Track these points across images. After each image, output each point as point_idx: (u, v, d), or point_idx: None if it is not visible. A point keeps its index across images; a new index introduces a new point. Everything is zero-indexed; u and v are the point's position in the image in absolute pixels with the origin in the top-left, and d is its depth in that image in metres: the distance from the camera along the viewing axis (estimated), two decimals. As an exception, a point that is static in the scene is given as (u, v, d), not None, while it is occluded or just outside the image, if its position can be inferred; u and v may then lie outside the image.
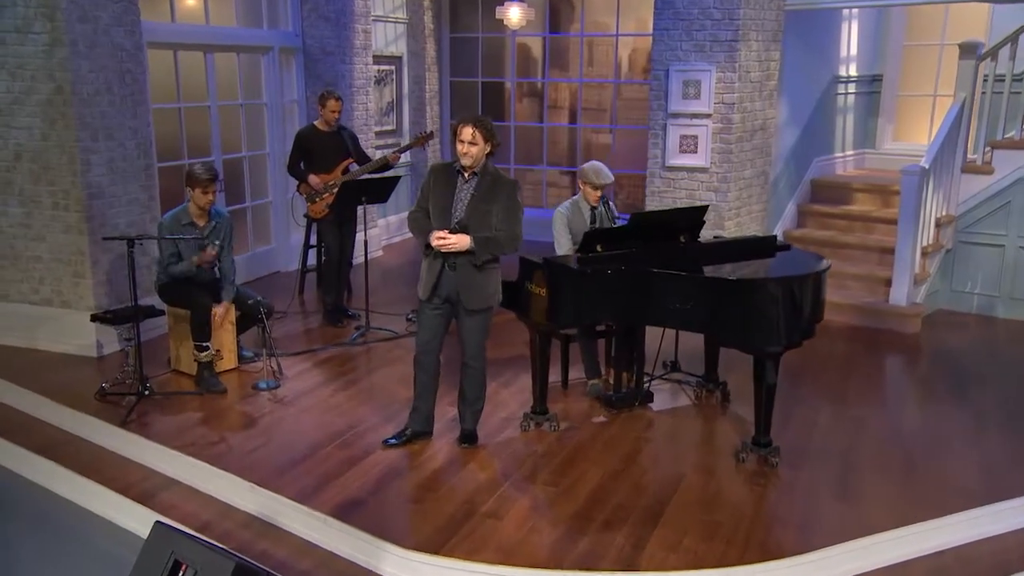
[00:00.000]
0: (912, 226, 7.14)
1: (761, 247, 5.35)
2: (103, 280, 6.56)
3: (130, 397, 5.59)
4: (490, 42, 11.19)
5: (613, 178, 5.63)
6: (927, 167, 7.15)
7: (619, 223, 5.81)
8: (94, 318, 5.91)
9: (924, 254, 7.51)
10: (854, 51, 9.19)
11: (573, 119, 11.06)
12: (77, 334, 6.51)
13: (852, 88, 9.27)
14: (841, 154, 9.38)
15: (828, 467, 4.86)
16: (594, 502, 4.43)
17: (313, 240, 8.29)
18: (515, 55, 11.08)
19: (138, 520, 4.46)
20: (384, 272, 8.85)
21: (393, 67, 10.61)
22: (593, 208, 5.70)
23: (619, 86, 10.66)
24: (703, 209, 5.38)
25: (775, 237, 5.48)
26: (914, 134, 9.65)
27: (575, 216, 5.71)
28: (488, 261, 4.73)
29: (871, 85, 9.52)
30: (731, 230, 7.46)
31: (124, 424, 5.33)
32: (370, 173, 7.24)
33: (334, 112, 7.16)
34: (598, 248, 5.11)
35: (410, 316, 7.42)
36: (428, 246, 4.70)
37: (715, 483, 4.67)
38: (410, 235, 11.08)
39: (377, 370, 6.37)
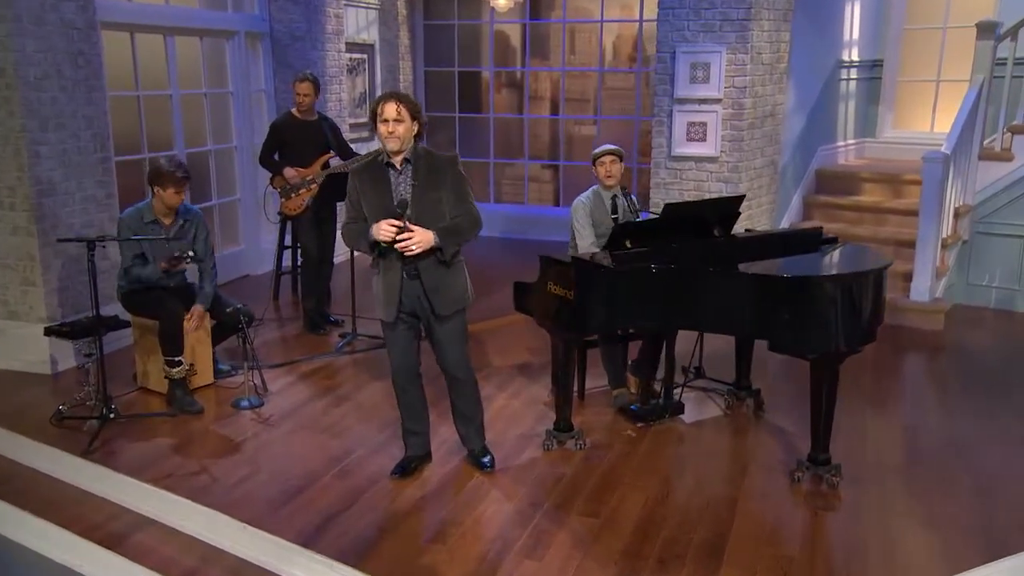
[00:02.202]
0: (935, 217, 6.69)
1: (806, 241, 4.83)
2: (55, 288, 5.84)
3: (92, 421, 4.91)
4: (466, 29, 10.58)
5: (615, 147, 5.11)
6: (949, 153, 6.70)
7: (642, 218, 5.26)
8: (49, 331, 5.18)
9: (943, 246, 7.07)
10: (856, 35, 8.74)
11: (555, 110, 10.49)
12: (27, 349, 5.78)
13: (854, 74, 8.83)
14: (843, 143, 8.94)
15: (891, 486, 4.34)
16: (643, 535, 3.86)
17: (288, 240, 7.65)
18: (493, 43, 10.49)
19: (107, 569, 3.77)
20: (364, 273, 8.04)
21: (365, 55, 9.94)
22: (614, 197, 5.15)
23: (603, 75, 10.12)
24: (739, 199, 4.84)
25: (820, 229, 4.96)
26: (914, 122, 9.25)
27: (597, 206, 5.16)
28: (454, 255, 4.12)
29: (871, 71, 9.09)
30: (742, 223, 6.92)
31: (87, 453, 4.65)
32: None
33: (304, 96, 6.50)
34: (626, 244, 4.54)
35: (398, 322, 6.80)
36: (379, 255, 4.04)
37: (773, 508, 4.12)
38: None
39: (369, 383, 5.73)
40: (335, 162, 6.72)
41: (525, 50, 10.47)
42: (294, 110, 6.61)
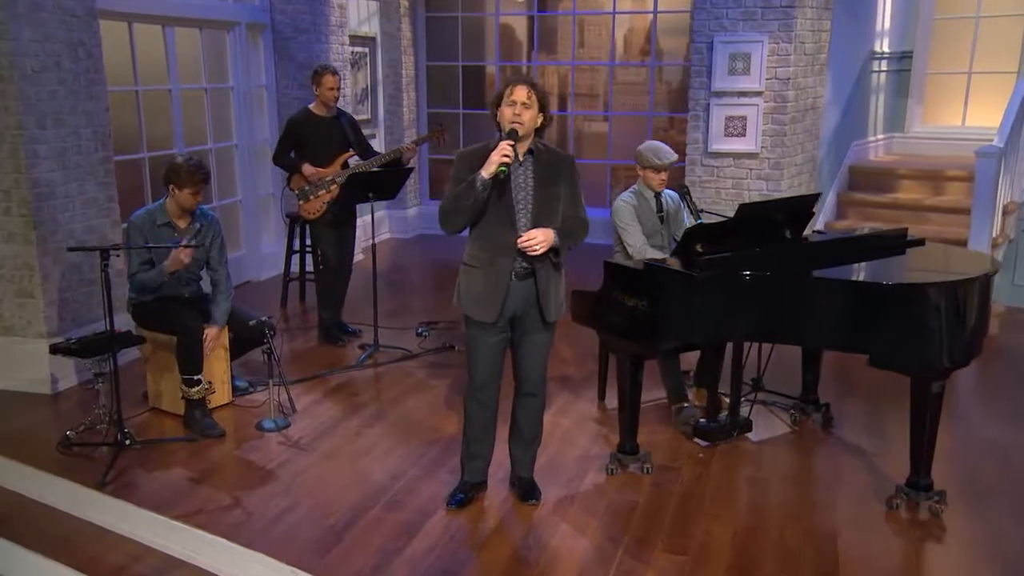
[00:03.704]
0: (988, 215, 6.37)
1: (889, 243, 4.45)
2: (55, 300, 5.34)
3: (103, 448, 4.44)
4: (470, 22, 10.15)
5: (676, 155, 4.80)
6: (1003, 147, 6.37)
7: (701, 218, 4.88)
8: (55, 349, 4.66)
9: (994, 246, 6.73)
10: (887, 24, 8.41)
11: (563, 106, 10.07)
12: (25, 367, 5.28)
13: (884, 65, 8.49)
14: (874, 138, 8.60)
15: (995, 511, 3.97)
16: (741, 575, 3.46)
17: (296, 244, 7.18)
18: (499, 36, 10.06)
19: (136, 621, 3.34)
20: (384, 281, 7.50)
21: (367, 49, 9.49)
22: (657, 195, 4.83)
23: (614, 70, 9.72)
24: (813, 199, 4.45)
25: (905, 230, 4.59)
26: (943, 116, 8.93)
27: (641, 205, 4.83)
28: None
29: (900, 62, 8.76)
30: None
31: (103, 485, 4.17)
32: (378, 168, 6.12)
33: (332, 89, 6.03)
34: (698, 248, 4.13)
35: (420, 331, 6.38)
36: (503, 178, 3.55)
37: (879, 542, 3.72)
38: (389, 235, 10.01)
39: (401, 399, 5.29)
40: (353, 161, 6.26)
41: (533, 44, 10.06)
42: (312, 106, 6.14)
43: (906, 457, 4.03)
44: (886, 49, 8.49)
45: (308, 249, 7.20)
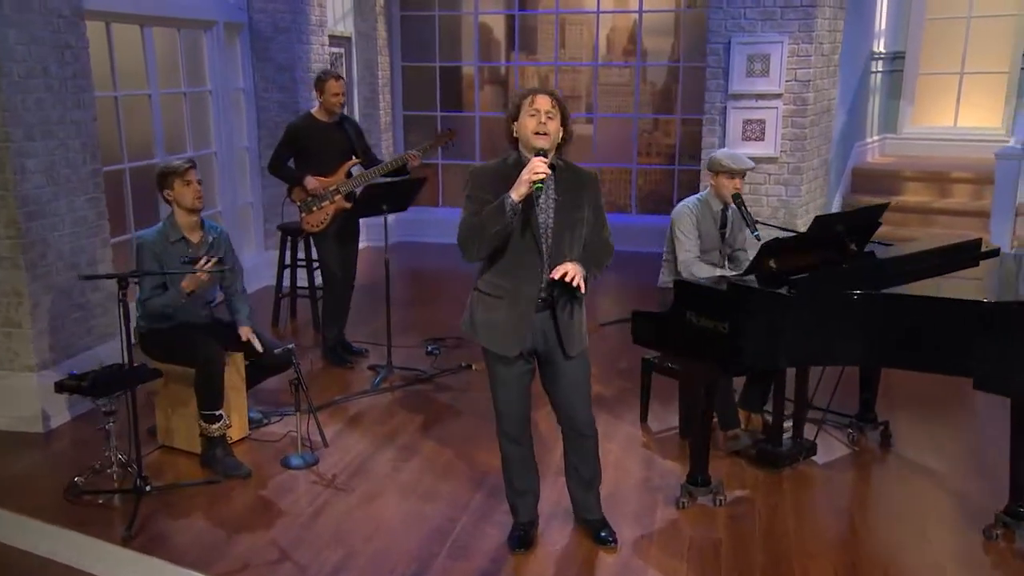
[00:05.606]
0: (1009, 218, 6.29)
1: (963, 254, 4.26)
2: (44, 329, 4.85)
3: (117, 496, 4.02)
4: (447, 21, 9.78)
5: (753, 163, 4.54)
6: (1022, 148, 6.28)
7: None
8: (62, 387, 4.17)
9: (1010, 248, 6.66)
10: (884, 25, 8.31)
11: (545, 107, 9.76)
12: (13, 403, 4.80)
13: (880, 66, 8.39)
14: (871, 139, 8.49)
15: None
16: (858, 620, 3.21)
17: (290, 257, 6.74)
18: (478, 36, 9.71)
19: None
20: (358, 294, 6.93)
21: (342, 49, 9.08)
22: (724, 208, 4.55)
23: (598, 70, 9.46)
24: (882, 209, 4.23)
25: (979, 241, 4.39)
26: (934, 116, 8.88)
27: (704, 216, 4.54)
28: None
29: (893, 63, 8.67)
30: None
31: (128, 539, 3.73)
32: (382, 178, 5.74)
33: (337, 95, 5.64)
34: (771, 264, 3.87)
35: (431, 349, 6.02)
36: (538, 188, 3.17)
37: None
38: (367, 243, 9.63)
39: (430, 428, 4.93)
40: (357, 170, 5.87)
41: (513, 43, 9.74)
42: (315, 111, 5.74)
43: (979, 478, 3.84)
44: (882, 49, 8.39)
45: (300, 263, 6.80)
